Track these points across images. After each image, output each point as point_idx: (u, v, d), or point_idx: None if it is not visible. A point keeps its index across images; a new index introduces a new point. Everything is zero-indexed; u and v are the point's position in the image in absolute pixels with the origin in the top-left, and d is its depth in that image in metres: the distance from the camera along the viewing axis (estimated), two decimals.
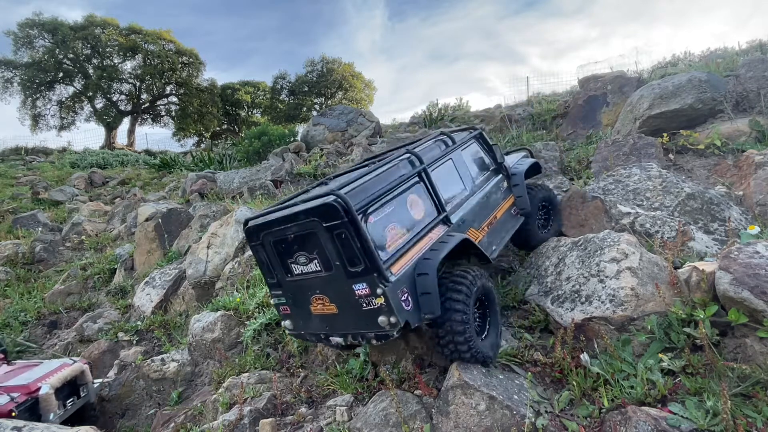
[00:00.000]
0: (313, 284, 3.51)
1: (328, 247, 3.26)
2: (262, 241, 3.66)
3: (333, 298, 3.44)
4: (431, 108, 17.88)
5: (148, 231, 9.62)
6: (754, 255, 3.13)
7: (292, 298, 3.75)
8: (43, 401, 4.71)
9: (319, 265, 3.39)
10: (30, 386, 4.78)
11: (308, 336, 3.90)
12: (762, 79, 6.85)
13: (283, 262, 3.62)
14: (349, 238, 3.11)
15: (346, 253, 3.18)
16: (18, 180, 19.95)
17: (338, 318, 3.49)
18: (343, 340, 3.61)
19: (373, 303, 3.17)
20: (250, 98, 36.95)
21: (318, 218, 3.21)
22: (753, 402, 2.75)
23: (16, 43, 28.96)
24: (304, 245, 3.41)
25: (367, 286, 3.16)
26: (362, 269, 3.15)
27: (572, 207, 5.42)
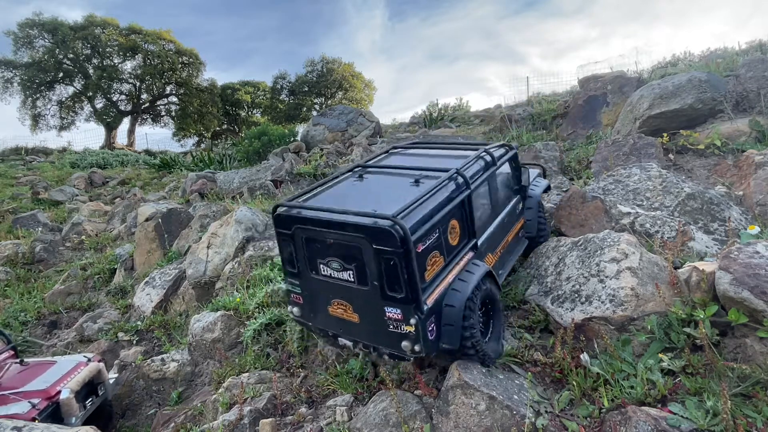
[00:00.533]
0: (339, 290, 3.39)
1: (370, 266, 3.13)
2: (293, 232, 3.49)
3: (358, 308, 3.36)
4: (431, 108, 17.89)
5: (148, 231, 9.62)
6: (754, 255, 3.13)
7: (311, 293, 3.62)
8: (65, 405, 4.61)
9: (353, 277, 3.26)
10: (49, 390, 4.66)
11: (314, 329, 3.82)
12: (762, 79, 6.85)
13: (311, 260, 3.48)
14: (397, 266, 2.99)
15: (389, 279, 3.06)
16: (18, 180, 19.96)
17: (357, 327, 3.42)
18: (353, 346, 3.58)
19: (402, 329, 3.13)
20: (250, 98, 36.96)
21: (369, 238, 3.04)
22: (753, 402, 2.75)
23: (16, 43, 28.97)
24: (342, 254, 3.27)
25: (400, 313, 3.09)
26: (401, 297, 3.06)
27: (572, 207, 5.42)
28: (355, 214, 3.16)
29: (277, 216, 3.59)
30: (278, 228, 3.61)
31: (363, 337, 3.46)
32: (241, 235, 7.67)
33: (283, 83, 37.29)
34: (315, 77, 36.24)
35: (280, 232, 3.61)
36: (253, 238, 7.75)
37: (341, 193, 3.87)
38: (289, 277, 3.75)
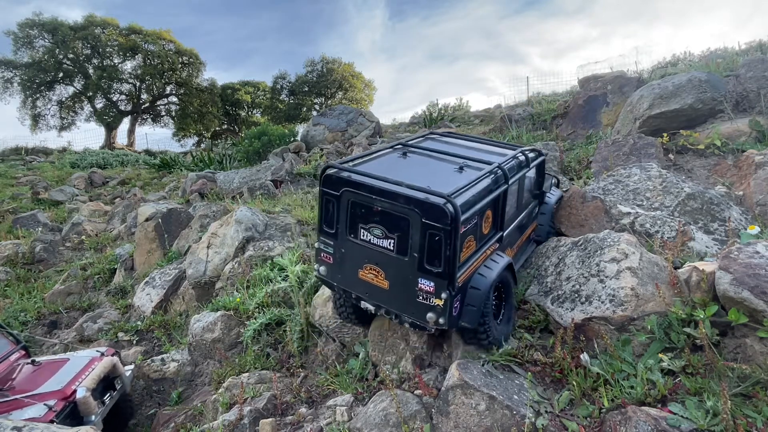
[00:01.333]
0: (374, 255, 3.52)
1: (414, 237, 3.28)
2: (340, 194, 3.61)
3: (389, 275, 3.49)
4: (431, 108, 17.89)
5: (148, 231, 9.62)
6: (754, 255, 3.13)
7: (343, 255, 3.72)
8: (82, 405, 4.50)
9: (393, 246, 3.40)
10: (65, 391, 4.52)
11: (338, 289, 3.91)
12: (762, 79, 6.85)
13: (353, 223, 3.59)
14: (441, 242, 3.15)
15: (430, 252, 3.23)
16: (18, 180, 19.96)
17: (385, 293, 3.55)
18: (375, 309, 3.74)
19: (431, 301, 3.30)
20: (250, 98, 36.96)
21: (420, 211, 3.20)
22: (753, 402, 2.75)
23: (16, 43, 28.97)
24: (387, 222, 3.40)
25: (433, 286, 3.26)
26: (437, 272, 3.23)
27: (572, 207, 5.42)
28: (409, 187, 3.30)
29: (328, 176, 3.68)
30: (325, 188, 3.70)
31: (388, 304, 3.59)
32: (241, 235, 7.67)
33: (283, 83, 37.29)
34: (315, 77, 36.24)
35: (326, 192, 3.70)
36: (253, 238, 7.75)
37: (389, 166, 3.98)
38: (323, 236, 3.83)
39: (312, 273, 6.19)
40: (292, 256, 6.68)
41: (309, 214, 8.44)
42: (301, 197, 10.15)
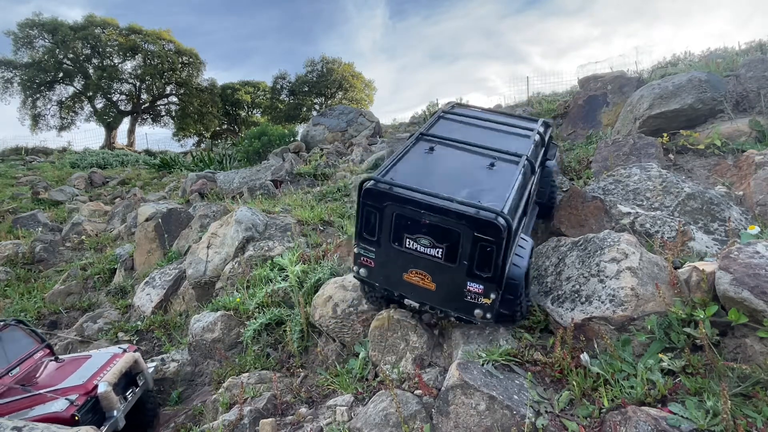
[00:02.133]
0: (420, 262, 3.60)
1: (464, 248, 3.38)
2: (383, 208, 3.62)
3: (437, 279, 3.60)
4: (431, 108, 17.88)
5: (148, 231, 9.62)
6: (755, 255, 3.13)
7: (387, 260, 3.77)
8: (104, 399, 4.45)
9: (441, 254, 3.49)
10: (87, 385, 4.49)
11: (380, 289, 3.98)
12: (762, 79, 6.85)
13: (397, 233, 3.62)
14: (492, 252, 3.30)
15: (480, 261, 3.36)
16: (18, 180, 19.96)
17: (432, 293, 3.67)
18: (419, 307, 3.86)
19: (480, 300, 3.49)
20: (250, 98, 36.96)
21: (471, 226, 3.30)
22: (753, 402, 2.75)
23: (16, 43, 28.99)
24: (435, 234, 3.48)
25: (482, 288, 3.44)
26: (487, 276, 3.39)
27: (572, 207, 5.42)
28: (460, 203, 3.40)
29: (368, 191, 3.67)
30: (366, 200, 3.70)
31: (434, 302, 3.72)
32: (241, 235, 7.67)
33: (283, 83, 37.29)
34: (315, 77, 36.23)
35: (367, 204, 3.70)
36: (253, 238, 7.75)
37: (422, 169, 4.01)
38: (363, 243, 3.85)
39: (311, 273, 6.20)
40: (292, 256, 6.68)
41: (309, 214, 8.44)
42: (301, 197, 10.15)
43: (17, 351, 5.10)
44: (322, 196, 10.08)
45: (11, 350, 5.01)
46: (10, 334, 5.18)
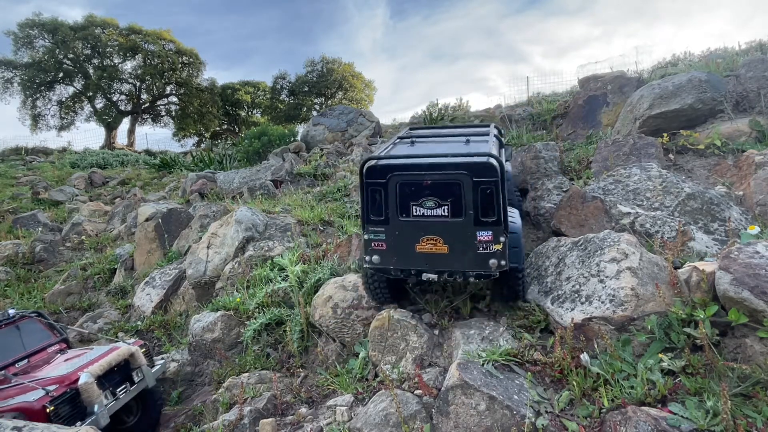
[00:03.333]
0: (429, 226, 3.88)
1: (467, 198, 3.74)
2: (387, 181, 3.92)
3: (448, 240, 3.86)
4: (431, 108, 17.89)
5: (148, 231, 9.62)
6: (754, 255, 3.13)
7: (398, 236, 3.99)
8: (84, 391, 4.19)
9: (448, 211, 3.82)
10: (70, 376, 4.30)
11: (394, 271, 4.11)
12: (762, 79, 6.85)
13: (403, 204, 3.91)
14: (493, 193, 3.67)
15: (483, 206, 3.71)
16: (18, 180, 19.95)
17: (446, 258, 3.89)
18: (437, 277, 3.99)
19: (491, 248, 3.74)
20: (250, 98, 36.94)
21: (470, 172, 3.68)
22: (753, 402, 2.75)
23: (16, 43, 28.95)
24: (439, 192, 3.81)
25: (491, 234, 3.73)
26: (493, 220, 3.72)
27: (572, 207, 5.42)
28: (453, 155, 3.82)
29: (371, 168, 3.95)
30: (369, 179, 3.98)
31: (450, 266, 3.92)
32: (241, 235, 7.67)
33: (283, 83, 37.26)
34: (315, 77, 36.21)
35: (371, 183, 3.98)
36: (253, 238, 7.75)
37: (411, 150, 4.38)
38: (371, 226, 4.06)
39: (311, 273, 6.19)
40: (292, 256, 6.68)
41: (309, 214, 8.44)
42: (301, 197, 10.14)
43: (33, 342, 5.08)
44: (322, 196, 10.08)
45: (28, 341, 5.00)
46: (29, 326, 5.19)
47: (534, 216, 6.29)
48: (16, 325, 5.07)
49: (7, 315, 5.20)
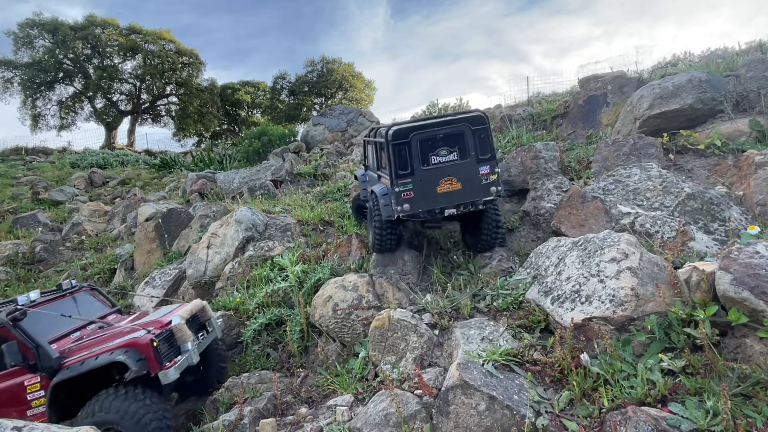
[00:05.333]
0: (445, 170, 5.18)
1: (469, 142, 5.20)
2: (410, 140, 5.11)
3: (460, 178, 5.21)
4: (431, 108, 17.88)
5: (148, 231, 9.62)
6: (755, 255, 3.13)
7: (422, 183, 5.15)
8: (178, 331, 4.61)
9: (457, 155, 5.21)
10: (162, 320, 4.72)
11: (422, 213, 5.22)
12: (762, 79, 6.85)
13: (424, 155, 5.14)
14: (486, 137, 5.26)
15: (481, 147, 5.23)
16: (18, 180, 19.96)
17: (460, 192, 5.21)
18: (456, 210, 5.25)
19: (490, 178, 5.24)
20: (250, 98, 36.93)
21: (469, 123, 5.21)
22: (753, 402, 2.75)
23: (16, 43, 28.94)
24: (450, 141, 5.18)
25: (489, 168, 5.25)
26: (488, 157, 5.25)
27: (572, 207, 5.42)
28: (455, 114, 5.43)
29: (397, 131, 5.16)
30: (395, 141, 5.13)
31: (464, 198, 5.23)
32: (241, 235, 7.67)
33: (283, 83, 37.26)
34: (315, 77, 36.21)
35: (397, 144, 5.12)
36: (253, 238, 7.75)
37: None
38: (400, 180, 5.13)
39: (311, 273, 6.20)
40: (292, 256, 6.68)
41: (309, 214, 8.44)
42: (301, 197, 10.15)
43: (92, 312, 5.39)
44: (322, 196, 10.08)
45: (84, 311, 5.29)
46: (84, 297, 5.50)
47: (534, 216, 6.29)
48: (73, 297, 5.35)
49: (70, 284, 5.47)
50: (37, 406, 4.29)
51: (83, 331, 5.00)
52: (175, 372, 4.25)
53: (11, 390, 4.32)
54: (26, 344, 4.31)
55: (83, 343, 4.56)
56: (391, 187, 5.18)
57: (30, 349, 4.31)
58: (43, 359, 4.27)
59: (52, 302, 5.05)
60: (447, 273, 5.61)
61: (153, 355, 4.17)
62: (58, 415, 4.30)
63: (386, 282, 5.46)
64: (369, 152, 6.97)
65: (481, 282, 5.08)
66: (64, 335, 4.75)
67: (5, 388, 4.33)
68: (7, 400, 4.31)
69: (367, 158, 7.21)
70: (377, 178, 6.15)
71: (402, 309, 4.71)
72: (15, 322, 4.36)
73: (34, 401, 4.30)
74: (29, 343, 4.30)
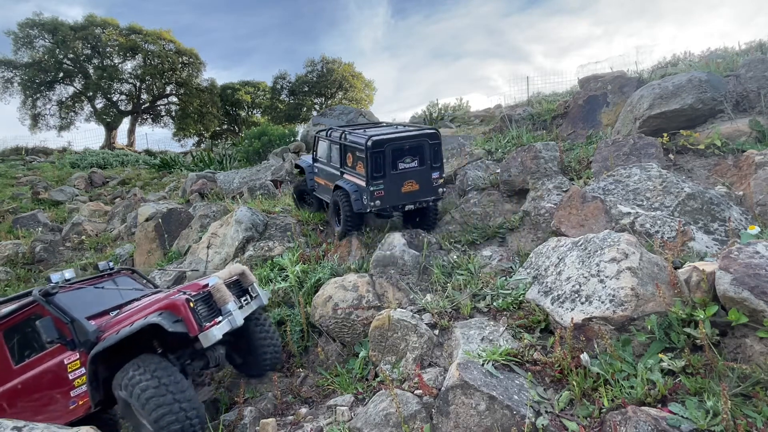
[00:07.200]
0: (408, 174, 6.40)
1: (426, 153, 6.44)
2: (384, 149, 6.18)
3: (418, 181, 6.46)
4: (431, 108, 17.87)
5: (148, 231, 9.62)
6: (755, 255, 3.13)
7: (390, 184, 6.31)
8: (216, 291, 4.37)
9: (417, 163, 6.43)
10: (199, 284, 4.58)
11: (389, 207, 6.50)
12: (762, 79, 6.85)
13: (394, 162, 6.29)
14: (438, 150, 6.55)
15: (434, 157, 6.50)
16: (18, 180, 19.95)
17: (418, 192, 6.50)
18: (414, 206, 6.63)
19: (439, 182, 6.61)
20: (250, 98, 36.91)
21: (428, 138, 6.45)
22: (753, 402, 2.75)
23: (16, 43, 28.91)
24: (413, 152, 6.38)
25: (438, 174, 6.58)
26: (439, 165, 6.56)
27: (572, 207, 5.42)
28: (418, 128, 6.93)
29: (375, 142, 6.14)
30: (374, 150, 6.14)
31: (421, 197, 6.56)
32: (241, 235, 7.67)
33: (283, 83, 37.23)
34: (315, 77, 36.19)
35: (374, 152, 6.15)
36: (253, 238, 7.75)
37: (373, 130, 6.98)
38: (374, 181, 6.23)
39: (311, 273, 6.21)
40: (292, 256, 6.68)
41: (308, 214, 8.44)
42: None
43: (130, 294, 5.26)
44: None
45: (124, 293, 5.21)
46: (123, 279, 5.44)
47: (534, 216, 6.29)
48: (113, 279, 5.29)
49: (107, 266, 5.40)
50: (80, 385, 4.15)
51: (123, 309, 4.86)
52: (217, 332, 3.99)
53: (52, 370, 4.20)
54: (61, 319, 4.15)
55: (120, 317, 4.41)
56: (366, 186, 6.24)
57: (65, 325, 4.15)
58: (79, 333, 4.13)
59: (89, 283, 4.96)
60: (447, 273, 5.61)
61: (190, 315, 3.93)
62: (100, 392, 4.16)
63: (386, 282, 5.46)
64: (322, 148, 7.78)
65: (481, 282, 5.08)
66: (102, 313, 4.61)
67: (47, 369, 4.22)
68: (51, 381, 4.20)
69: (317, 152, 7.97)
70: (339, 174, 7.00)
71: (402, 309, 4.71)
72: (47, 297, 4.20)
73: (76, 380, 4.16)
74: (64, 318, 4.15)
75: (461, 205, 7.40)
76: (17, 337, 4.39)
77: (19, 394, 4.27)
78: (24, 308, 4.35)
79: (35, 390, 4.25)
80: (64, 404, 4.19)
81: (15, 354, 4.35)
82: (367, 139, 6.10)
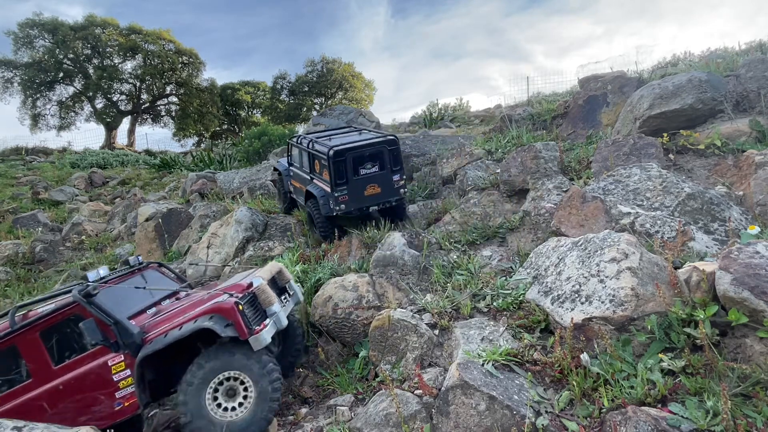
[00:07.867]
0: (370, 179, 6.87)
1: (386, 158, 6.95)
2: (345, 157, 6.65)
3: (380, 185, 6.96)
4: (431, 108, 17.87)
5: (148, 231, 9.62)
6: (755, 255, 3.13)
7: (354, 188, 6.77)
8: (261, 292, 4.33)
9: (378, 168, 6.94)
10: (242, 284, 4.46)
11: (354, 210, 6.91)
12: (762, 79, 6.85)
13: (356, 168, 6.76)
14: (397, 155, 7.09)
15: (394, 162, 7.03)
16: (18, 180, 19.95)
17: (380, 195, 6.99)
18: (378, 207, 7.08)
19: (399, 183, 7.10)
20: (250, 98, 36.91)
21: (387, 144, 6.98)
22: (753, 402, 2.75)
23: (16, 43, 28.90)
24: (373, 158, 6.89)
25: (399, 177, 7.09)
26: (399, 168, 7.09)
27: (572, 207, 5.42)
28: (378, 135, 7.34)
29: (337, 151, 6.62)
30: (336, 158, 6.60)
31: (383, 198, 7.03)
32: (241, 235, 7.67)
33: (283, 83, 37.23)
34: (315, 77, 36.19)
35: (337, 160, 6.62)
36: (253, 238, 7.75)
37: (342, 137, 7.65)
38: (338, 186, 6.67)
39: (311, 273, 6.21)
40: (292, 256, 6.68)
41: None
42: None
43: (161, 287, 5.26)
44: None
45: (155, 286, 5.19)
46: (152, 274, 5.38)
47: (534, 216, 6.29)
48: (141, 274, 5.23)
49: (137, 261, 5.37)
50: (125, 387, 4.11)
51: (158, 306, 4.81)
52: (266, 336, 3.98)
53: (96, 372, 4.13)
54: (104, 321, 4.06)
55: (163, 317, 4.36)
56: (331, 191, 6.71)
57: (108, 326, 4.06)
58: (123, 335, 4.05)
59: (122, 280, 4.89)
60: (447, 273, 5.61)
61: (240, 319, 3.89)
62: (147, 393, 4.14)
63: (386, 282, 5.46)
64: (295, 154, 8.31)
65: (481, 282, 5.08)
66: (139, 311, 4.55)
67: (90, 370, 4.15)
68: (94, 382, 4.14)
69: (293, 157, 8.50)
70: (309, 179, 7.46)
71: (402, 309, 4.71)
72: (88, 298, 4.11)
73: (121, 381, 4.12)
74: (107, 319, 4.07)
75: (461, 205, 7.39)
76: (56, 337, 4.28)
77: (61, 395, 4.18)
78: (63, 308, 4.25)
79: (78, 391, 4.17)
80: (109, 405, 4.15)
81: (54, 354, 4.24)
82: (329, 148, 6.57)
